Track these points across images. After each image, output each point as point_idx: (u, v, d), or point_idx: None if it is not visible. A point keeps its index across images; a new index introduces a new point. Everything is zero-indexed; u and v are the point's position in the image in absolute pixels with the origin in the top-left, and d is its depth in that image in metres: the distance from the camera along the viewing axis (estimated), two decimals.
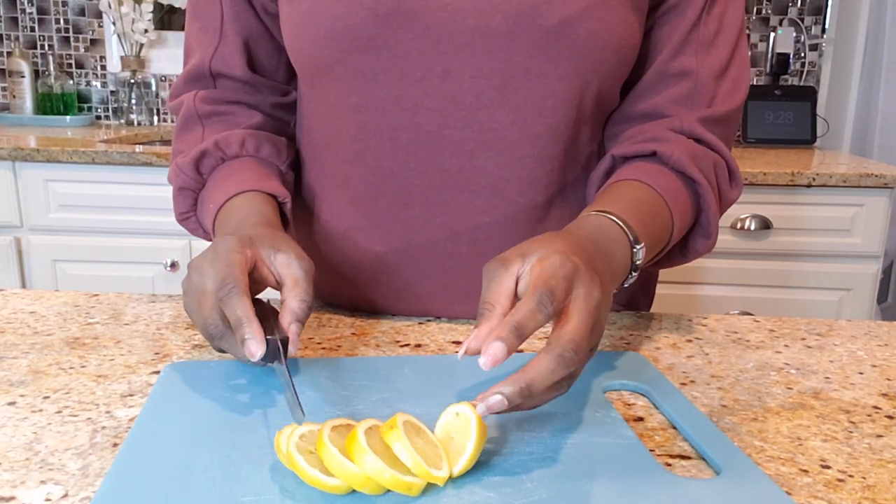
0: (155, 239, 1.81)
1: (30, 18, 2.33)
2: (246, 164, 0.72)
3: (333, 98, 0.70)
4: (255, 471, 0.42)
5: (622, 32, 0.66)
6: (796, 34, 2.32)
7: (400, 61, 0.66)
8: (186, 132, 0.76)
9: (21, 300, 0.74)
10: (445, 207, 0.70)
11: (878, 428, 0.52)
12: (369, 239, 0.73)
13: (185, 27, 0.79)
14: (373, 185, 0.71)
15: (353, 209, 0.73)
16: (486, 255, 0.70)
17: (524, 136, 0.68)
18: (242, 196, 0.68)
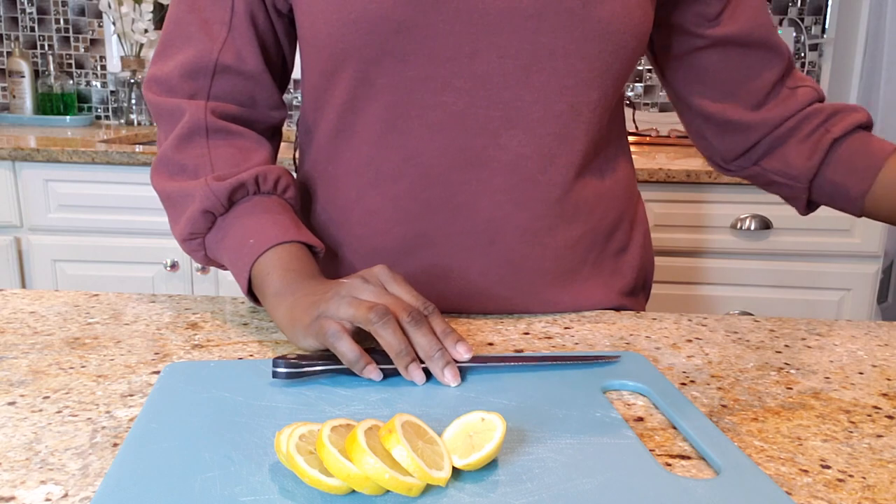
0: (155, 239, 1.81)
1: (30, 18, 2.33)
2: (276, 205, 0.71)
3: (359, 81, 0.70)
4: (255, 471, 0.42)
5: (639, 17, 0.70)
6: (796, 34, 2.32)
7: (430, 42, 0.67)
8: (188, 144, 0.73)
9: (21, 300, 0.74)
10: (466, 187, 0.71)
11: (879, 428, 0.52)
12: (388, 221, 0.73)
13: (175, 15, 0.75)
14: (396, 166, 0.72)
15: (374, 191, 0.73)
16: (505, 232, 0.73)
17: (547, 115, 0.70)
18: (288, 246, 0.67)
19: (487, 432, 0.44)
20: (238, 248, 0.68)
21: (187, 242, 0.72)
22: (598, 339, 0.68)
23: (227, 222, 0.70)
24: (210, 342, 0.64)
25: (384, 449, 0.40)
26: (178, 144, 0.73)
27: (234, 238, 0.69)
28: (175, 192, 0.71)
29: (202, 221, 0.70)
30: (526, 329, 0.70)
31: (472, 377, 0.57)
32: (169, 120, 0.74)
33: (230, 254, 0.69)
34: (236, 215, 0.70)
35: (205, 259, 0.73)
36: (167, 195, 0.72)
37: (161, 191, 0.73)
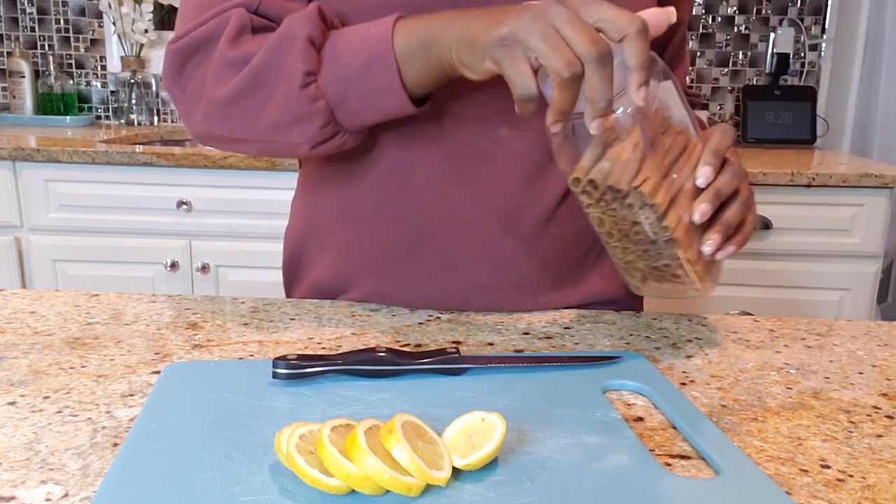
0: (155, 239, 1.81)
1: (30, 18, 2.33)
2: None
3: None
4: (255, 471, 0.42)
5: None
6: (796, 34, 2.32)
7: None
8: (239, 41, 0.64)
9: (21, 300, 0.74)
10: (482, 176, 0.72)
11: (878, 428, 0.52)
12: (403, 211, 0.74)
13: None
14: (413, 156, 0.72)
15: (389, 181, 0.73)
16: (518, 221, 0.74)
17: None
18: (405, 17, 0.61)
19: (487, 432, 0.44)
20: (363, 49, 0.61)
21: (305, 91, 0.62)
22: (598, 339, 0.68)
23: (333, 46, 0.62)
24: (210, 342, 0.64)
25: (384, 449, 0.40)
26: (230, 45, 0.64)
27: (352, 46, 0.61)
28: (258, 64, 0.63)
29: (310, 53, 0.61)
30: (526, 329, 0.70)
31: (473, 377, 0.57)
32: (208, 44, 0.65)
33: (358, 61, 0.61)
34: (335, 37, 0.63)
35: (328, 111, 0.63)
36: (250, 79, 0.63)
37: (235, 88, 0.64)
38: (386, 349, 0.57)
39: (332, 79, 0.62)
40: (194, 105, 0.67)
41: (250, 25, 0.65)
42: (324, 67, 0.62)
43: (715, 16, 2.33)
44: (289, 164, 1.73)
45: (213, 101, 0.65)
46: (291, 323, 0.70)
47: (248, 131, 0.66)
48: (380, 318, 0.72)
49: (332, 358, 0.56)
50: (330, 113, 0.63)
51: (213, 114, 0.66)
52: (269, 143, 0.67)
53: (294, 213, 0.86)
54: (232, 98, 0.64)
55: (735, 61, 2.36)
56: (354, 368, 0.55)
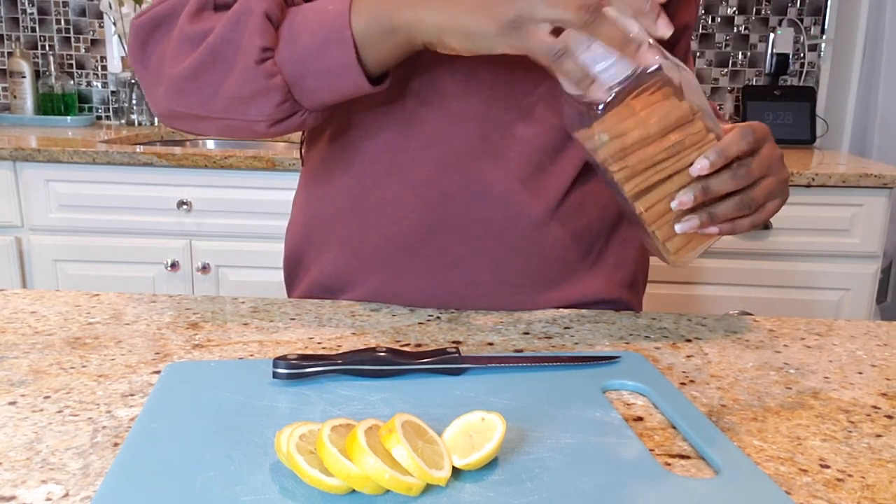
0: (155, 239, 1.81)
1: (30, 19, 2.33)
2: None
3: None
4: (255, 471, 0.42)
5: None
6: (795, 34, 2.32)
7: None
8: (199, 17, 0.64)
9: (22, 300, 0.74)
10: (482, 175, 0.73)
11: (878, 428, 0.52)
12: (405, 208, 0.74)
13: None
14: (415, 155, 0.72)
15: (391, 179, 0.74)
16: (518, 221, 0.74)
17: (559, 107, 0.72)
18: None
19: (487, 432, 0.44)
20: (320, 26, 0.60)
21: (262, 66, 0.61)
22: (598, 339, 0.68)
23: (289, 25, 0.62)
24: (210, 342, 0.64)
25: (384, 449, 0.41)
26: (190, 20, 0.64)
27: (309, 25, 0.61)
28: (214, 40, 0.62)
29: (267, 29, 0.61)
30: (526, 329, 0.70)
31: (472, 377, 0.57)
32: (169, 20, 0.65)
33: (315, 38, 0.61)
34: (293, 15, 0.63)
35: (284, 88, 0.63)
36: (207, 55, 0.63)
37: (195, 62, 0.63)
38: (386, 349, 0.57)
39: (288, 55, 0.61)
40: (156, 82, 0.66)
41: (212, 2, 0.65)
42: (281, 44, 0.62)
43: (714, 16, 2.33)
44: (289, 164, 1.73)
45: (173, 77, 0.64)
46: (291, 323, 0.70)
47: (206, 108, 0.65)
48: (380, 318, 0.72)
49: (332, 358, 0.56)
50: (287, 90, 0.63)
51: (173, 90, 0.65)
52: (228, 120, 0.66)
53: (295, 210, 0.86)
54: (190, 74, 0.63)
55: (735, 61, 2.36)
56: (354, 368, 0.55)
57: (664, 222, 0.61)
